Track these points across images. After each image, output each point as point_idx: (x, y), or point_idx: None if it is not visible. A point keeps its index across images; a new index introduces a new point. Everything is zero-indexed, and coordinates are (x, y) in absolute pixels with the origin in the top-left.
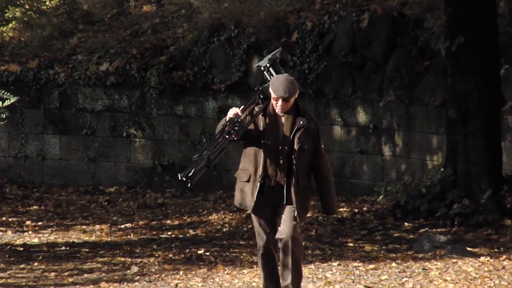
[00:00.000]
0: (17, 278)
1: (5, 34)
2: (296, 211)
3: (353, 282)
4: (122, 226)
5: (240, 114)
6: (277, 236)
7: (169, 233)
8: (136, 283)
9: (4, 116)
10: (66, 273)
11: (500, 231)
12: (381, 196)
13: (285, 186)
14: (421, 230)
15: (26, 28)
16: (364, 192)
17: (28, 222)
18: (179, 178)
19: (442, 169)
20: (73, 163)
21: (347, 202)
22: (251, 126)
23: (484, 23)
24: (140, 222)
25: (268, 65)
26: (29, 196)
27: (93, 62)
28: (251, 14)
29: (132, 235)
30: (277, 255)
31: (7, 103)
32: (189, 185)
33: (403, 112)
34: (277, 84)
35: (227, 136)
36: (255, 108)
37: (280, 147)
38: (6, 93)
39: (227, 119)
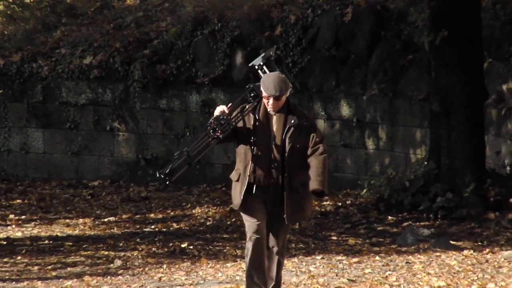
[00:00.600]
0: (0, 272)
1: None
2: (285, 215)
3: (336, 275)
4: (106, 220)
5: (227, 112)
6: (271, 244)
7: (152, 226)
8: (120, 277)
9: None
10: (49, 267)
11: (483, 225)
12: (364, 190)
13: (276, 185)
14: (405, 224)
15: (9, 22)
16: (347, 185)
17: (11, 216)
18: (157, 175)
19: (426, 163)
20: (57, 157)
21: (331, 196)
22: (241, 124)
23: (467, 17)
24: (124, 216)
25: (261, 63)
26: (12, 190)
27: (77, 55)
28: (235, 7)
29: (115, 228)
30: (264, 256)
31: None
32: (167, 182)
33: (387, 106)
34: (267, 82)
35: (211, 134)
36: (246, 106)
37: (271, 146)
38: None
39: (213, 117)
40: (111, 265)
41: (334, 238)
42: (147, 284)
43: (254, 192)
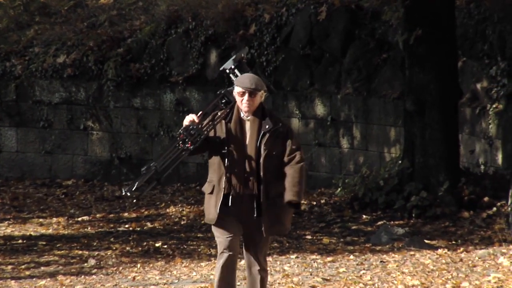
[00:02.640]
0: None
1: None
2: (264, 228)
3: (311, 274)
4: (79, 219)
5: (197, 121)
6: (246, 263)
7: (126, 226)
8: (94, 276)
9: None
10: (23, 266)
11: (457, 224)
12: (339, 189)
13: (253, 196)
14: (379, 223)
15: None
16: (322, 184)
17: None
18: (123, 193)
19: (400, 162)
20: (30, 156)
21: (305, 195)
22: (213, 132)
23: (441, 16)
24: (98, 215)
25: (233, 66)
26: None
27: (50, 54)
28: (209, 6)
29: (89, 228)
30: (234, 275)
31: None
32: (134, 200)
33: (361, 105)
34: (242, 78)
35: (181, 146)
36: (218, 113)
37: (245, 154)
38: None
39: (183, 127)
40: (85, 264)
41: (309, 237)
42: (121, 283)
43: (230, 204)
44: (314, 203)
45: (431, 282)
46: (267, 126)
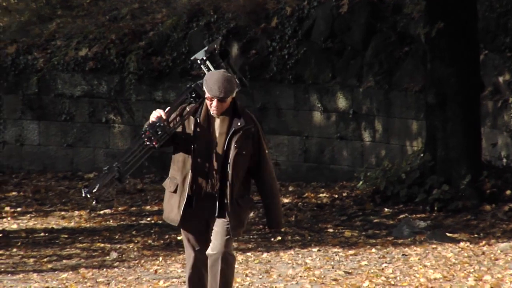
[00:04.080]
0: None
1: None
2: (229, 225)
3: (332, 267)
4: (101, 212)
5: (164, 117)
6: (207, 251)
7: (148, 219)
8: (116, 269)
9: None
10: (45, 259)
11: (479, 217)
12: (360, 182)
13: (217, 196)
14: (401, 216)
15: (4, 13)
16: (343, 177)
17: (6, 208)
18: (83, 195)
19: (422, 155)
20: (52, 149)
21: (327, 188)
22: (180, 129)
23: (463, 9)
24: (119, 208)
25: (204, 58)
26: (7, 182)
27: (72, 47)
28: None
29: (111, 221)
30: (206, 275)
31: None
32: (94, 203)
33: (383, 98)
34: (211, 82)
35: (147, 143)
36: (186, 108)
37: (213, 153)
38: None
39: (148, 123)
40: (107, 257)
41: (330, 230)
42: (143, 277)
43: (193, 205)
44: (336, 196)
45: (453, 275)
46: (238, 124)
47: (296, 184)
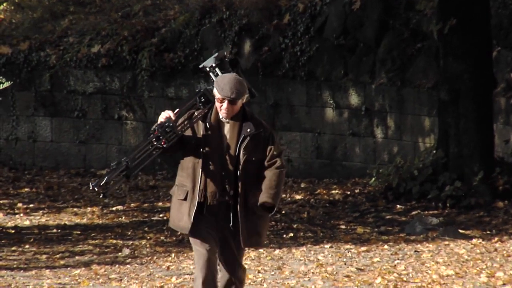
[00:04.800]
0: (8, 260)
1: None
2: (241, 238)
3: (345, 264)
4: (114, 209)
5: (174, 118)
6: (224, 276)
7: (160, 215)
8: (128, 266)
9: None
10: (57, 256)
11: (492, 213)
12: (373, 179)
13: (230, 204)
14: (413, 213)
15: (17, 10)
16: (356, 174)
17: (19, 205)
18: (91, 188)
19: (434, 151)
20: (64, 146)
21: (339, 185)
22: (189, 133)
23: (476, 5)
24: (132, 205)
25: (214, 64)
26: (20, 179)
27: (84, 44)
28: None
29: (123, 217)
30: (217, 275)
31: (0, 87)
32: (101, 196)
33: (395, 94)
34: (222, 83)
35: (155, 143)
36: (195, 112)
37: (223, 159)
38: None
39: (157, 124)
40: (119, 254)
41: (343, 227)
42: (155, 273)
43: (204, 212)
44: (348, 192)
45: (465, 272)
46: (248, 130)
47: (309, 180)
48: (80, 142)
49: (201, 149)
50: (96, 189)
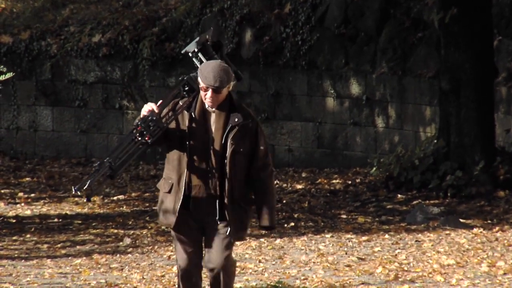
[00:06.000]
0: (9, 250)
1: None
2: (229, 230)
3: (346, 253)
4: (115, 198)
5: (157, 111)
6: (207, 264)
7: None
8: (129, 255)
9: None
10: (58, 245)
11: (493, 203)
12: (374, 168)
13: (216, 198)
14: (414, 202)
15: None
16: (357, 163)
17: (20, 194)
18: (73, 192)
19: (435, 141)
20: (65, 135)
21: (340, 174)
22: (174, 124)
23: None
24: (133, 194)
25: (196, 49)
26: (21, 168)
27: (85, 33)
28: None
29: (124, 207)
30: (199, 275)
31: (2, 77)
32: (86, 200)
33: (396, 84)
34: (206, 71)
35: (139, 139)
36: (179, 102)
37: (209, 150)
38: (1, 66)
39: (140, 118)
40: (120, 243)
41: (344, 216)
42: (156, 262)
43: (190, 206)
44: (349, 182)
45: (466, 261)
46: (236, 120)
47: (310, 170)
48: (81, 131)
49: (186, 140)
50: (79, 193)
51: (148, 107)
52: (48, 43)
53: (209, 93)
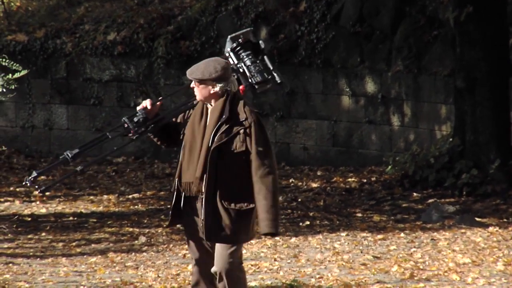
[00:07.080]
0: (24, 248)
1: (12, 4)
2: (204, 228)
3: (361, 252)
4: (130, 196)
5: (149, 108)
6: (212, 269)
7: None
8: (144, 253)
9: (13, 87)
10: (73, 243)
11: (508, 201)
12: (389, 166)
13: (202, 198)
14: (430, 201)
15: None
16: (372, 162)
17: (35, 192)
18: (24, 183)
19: (451, 139)
20: (80, 133)
21: (355, 173)
22: (181, 121)
23: None
24: (148, 192)
25: (229, 49)
26: (36, 166)
27: (100, 31)
28: None
29: (139, 205)
30: (212, 279)
31: (17, 75)
32: (38, 192)
33: (411, 82)
34: (196, 64)
35: (125, 134)
36: (193, 102)
37: (201, 148)
38: (16, 64)
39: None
40: (136, 241)
41: (359, 214)
42: (171, 261)
43: (182, 205)
44: (365, 180)
45: (482, 260)
46: (224, 116)
47: (325, 168)
48: (96, 129)
49: (183, 139)
50: (29, 184)
51: (143, 103)
52: (63, 41)
53: (192, 83)
